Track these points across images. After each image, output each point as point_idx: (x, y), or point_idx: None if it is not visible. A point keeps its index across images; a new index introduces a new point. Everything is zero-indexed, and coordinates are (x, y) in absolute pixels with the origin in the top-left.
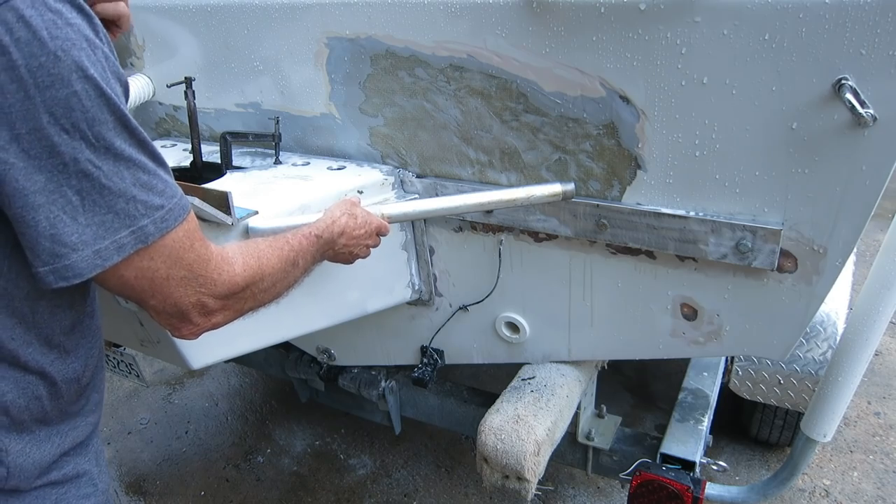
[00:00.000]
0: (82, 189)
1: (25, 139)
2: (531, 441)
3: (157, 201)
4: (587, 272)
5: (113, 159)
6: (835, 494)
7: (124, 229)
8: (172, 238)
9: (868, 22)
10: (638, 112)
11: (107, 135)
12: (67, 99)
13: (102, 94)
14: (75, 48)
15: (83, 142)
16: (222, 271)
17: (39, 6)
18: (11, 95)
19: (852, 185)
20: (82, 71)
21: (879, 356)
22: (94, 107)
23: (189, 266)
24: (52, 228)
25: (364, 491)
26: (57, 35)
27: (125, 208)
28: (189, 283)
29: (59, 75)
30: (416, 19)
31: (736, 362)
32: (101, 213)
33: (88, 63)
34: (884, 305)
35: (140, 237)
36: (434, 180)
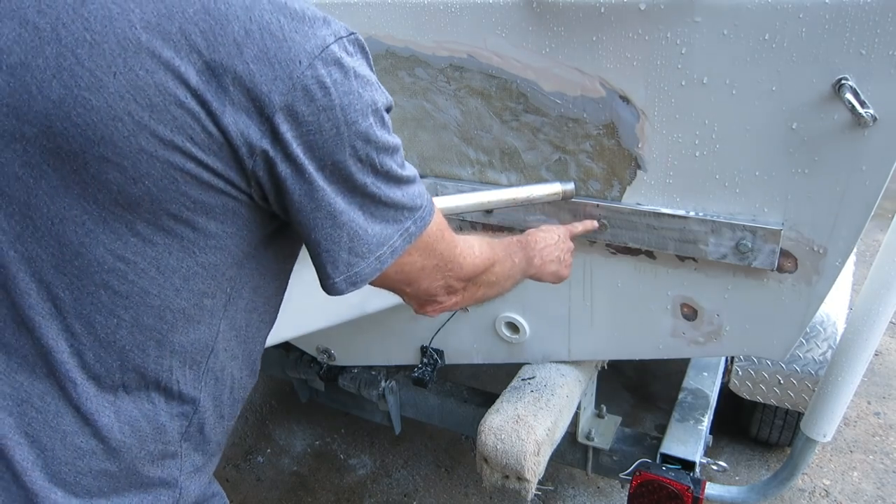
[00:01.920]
0: (369, 208)
1: (331, 168)
2: (531, 441)
3: (416, 202)
4: (587, 272)
5: (387, 180)
6: (835, 494)
7: (396, 234)
8: (428, 233)
9: (868, 22)
10: (638, 112)
11: (386, 161)
12: (366, 132)
13: (384, 124)
14: (369, 85)
15: (370, 168)
16: (466, 255)
17: (344, 49)
18: (327, 132)
19: (852, 185)
20: (375, 104)
21: (879, 356)
22: (380, 135)
23: (440, 254)
24: (350, 242)
25: (364, 491)
26: (359, 74)
27: (395, 216)
28: (440, 269)
29: (361, 110)
30: (416, 19)
31: (736, 362)
32: (380, 224)
33: (376, 98)
34: (884, 305)
35: (406, 238)
36: (434, 180)
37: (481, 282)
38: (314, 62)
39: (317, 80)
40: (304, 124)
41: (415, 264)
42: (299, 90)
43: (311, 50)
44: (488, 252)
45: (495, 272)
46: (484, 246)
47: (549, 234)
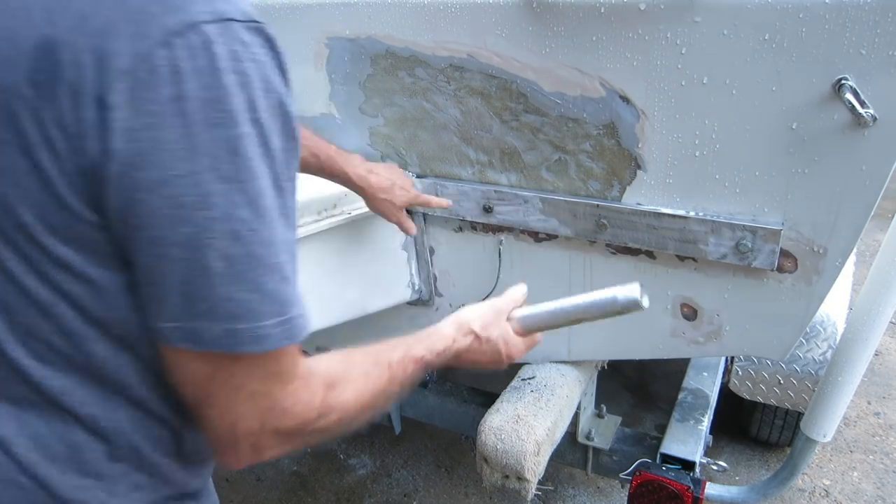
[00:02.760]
0: (231, 255)
1: (180, 182)
2: (531, 441)
3: (296, 300)
4: (587, 272)
5: (269, 226)
6: (835, 494)
7: (270, 317)
8: (283, 353)
9: (868, 22)
10: (638, 112)
11: (267, 193)
12: (232, 141)
13: (267, 145)
14: (252, 86)
15: (241, 195)
16: (297, 401)
17: (229, 35)
18: (175, 130)
19: (852, 185)
20: (254, 112)
21: (879, 356)
22: (259, 157)
23: (265, 379)
24: (185, 286)
25: (364, 491)
26: (237, 69)
27: (276, 290)
28: (257, 401)
29: (230, 113)
30: (416, 19)
31: (736, 362)
32: (245, 289)
33: (262, 106)
34: (884, 305)
35: (287, 332)
36: (434, 180)
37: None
38: (171, 39)
39: (169, 62)
40: (145, 115)
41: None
42: (143, 70)
43: (171, 25)
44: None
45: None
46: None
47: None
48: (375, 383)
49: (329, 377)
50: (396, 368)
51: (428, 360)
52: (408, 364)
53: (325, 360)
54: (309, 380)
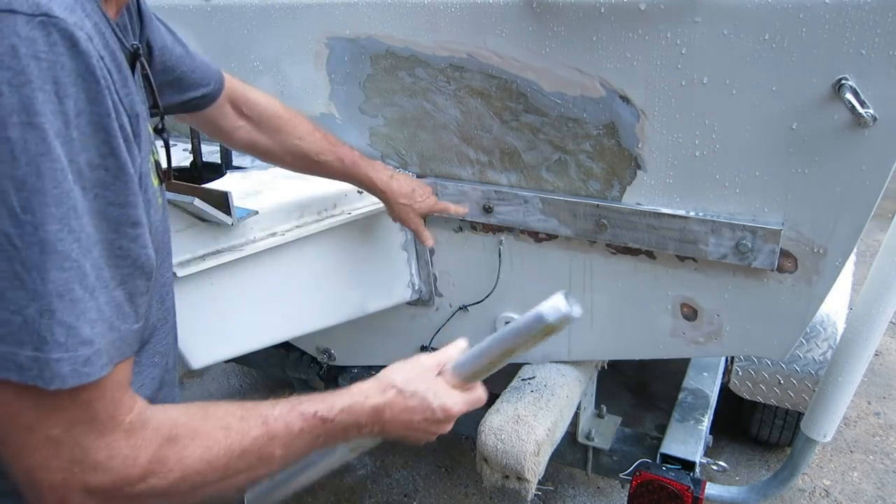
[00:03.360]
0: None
1: None
2: (531, 441)
3: (86, 333)
4: (587, 272)
5: (38, 246)
6: (835, 494)
7: (27, 347)
8: (90, 396)
9: (868, 22)
10: (638, 112)
11: (39, 210)
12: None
13: (47, 154)
14: (30, 86)
15: (4, 206)
16: (115, 454)
17: (5, 27)
18: None
19: (852, 185)
20: (30, 116)
21: (879, 356)
22: (30, 165)
23: (69, 425)
24: None
25: (364, 491)
26: (10, 65)
27: (37, 322)
28: (59, 450)
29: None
30: (416, 19)
31: (736, 362)
32: (6, 308)
33: (43, 109)
34: (884, 305)
35: (42, 373)
36: (434, 180)
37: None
38: None
39: None
40: None
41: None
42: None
43: None
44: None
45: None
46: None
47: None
48: (239, 441)
49: (169, 429)
50: (275, 425)
51: (323, 415)
52: (293, 420)
53: (171, 411)
54: (136, 431)
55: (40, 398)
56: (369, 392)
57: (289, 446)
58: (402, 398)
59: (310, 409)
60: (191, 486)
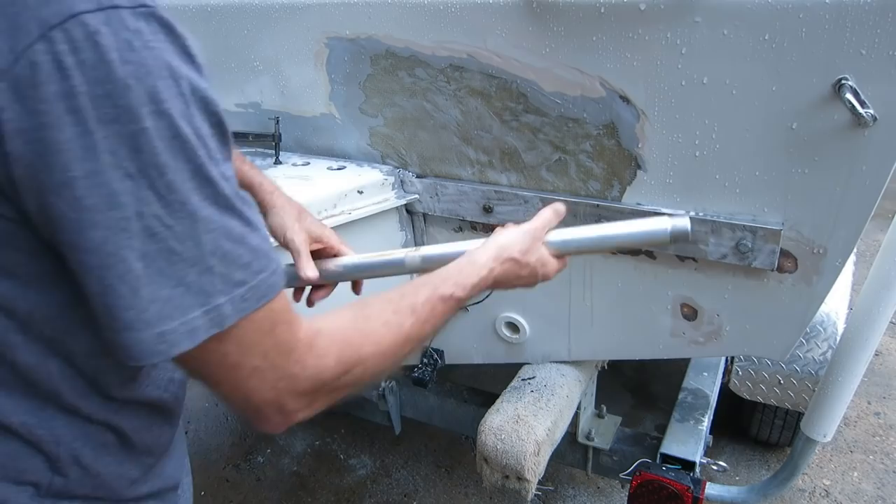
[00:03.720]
0: (148, 253)
1: (82, 184)
2: (531, 441)
3: (238, 276)
4: (587, 272)
5: (188, 219)
6: (835, 494)
7: (197, 308)
8: (252, 320)
9: (868, 22)
10: (638, 112)
11: (182, 187)
12: (134, 137)
13: (178, 135)
14: (151, 76)
15: (151, 192)
16: (307, 365)
17: (116, 23)
18: (69, 129)
19: (852, 185)
20: (157, 104)
21: (879, 356)
22: (169, 150)
23: (264, 354)
24: (104, 297)
25: (364, 491)
26: (130, 59)
27: (198, 281)
28: (263, 375)
29: (126, 107)
30: (416, 19)
31: (736, 362)
32: (169, 285)
33: (166, 95)
34: (884, 305)
35: (215, 319)
36: (434, 180)
37: (338, 386)
38: (50, 33)
39: (52, 57)
40: (35, 115)
41: (227, 357)
42: (25, 68)
43: (48, 17)
44: (352, 357)
45: (363, 373)
46: (347, 350)
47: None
48: (397, 332)
49: (342, 335)
50: (422, 311)
51: (459, 296)
52: (435, 304)
53: (336, 319)
54: (314, 342)
55: (232, 341)
56: (493, 266)
57: (435, 325)
58: (517, 267)
59: (447, 292)
60: (372, 375)
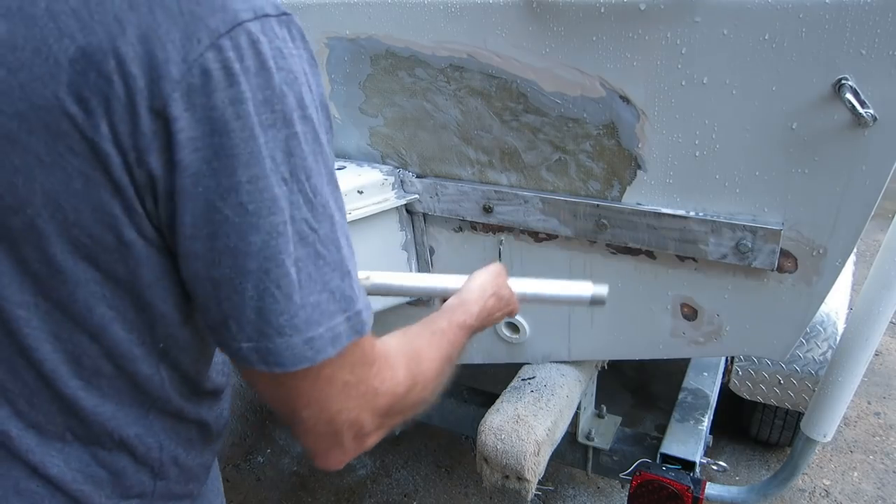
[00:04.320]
0: (299, 258)
1: (246, 188)
2: (531, 441)
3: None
4: (587, 272)
5: (328, 222)
6: (835, 494)
7: (340, 314)
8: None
9: (868, 22)
10: (638, 112)
11: (323, 190)
12: (287, 141)
13: (318, 139)
14: (297, 82)
15: (301, 195)
16: (385, 378)
17: (269, 31)
18: (236, 135)
19: (852, 185)
20: (303, 110)
21: (879, 356)
22: (312, 154)
23: (353, 367)
24: (259, 301)
25: (364, 491)
26: (283, 66)
27: (341, 287)
28: (350, 391)
29: (282, 113)
30: (416, 19)
31: (736, 362)
32: (316, 290)
33: (308, 101)
34: (884, 305)
35: (356, 325)
36: (434, 180)
37: (403, 408)
38: (220, 41)
39: (221, 64)
40: (205, 122)
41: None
42: (197, 76)
43: (216, 26)
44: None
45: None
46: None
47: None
48: (439, 350)
49: (405, 352)
50: (448, 333)
51: (470, 324)
52: (455, 329)
53: (393, 339)
54: (388, 357)
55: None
56: (482, 300)
57: (458, 347)
58: (496, 300)
59: (461, 318)
60: (428, 394)
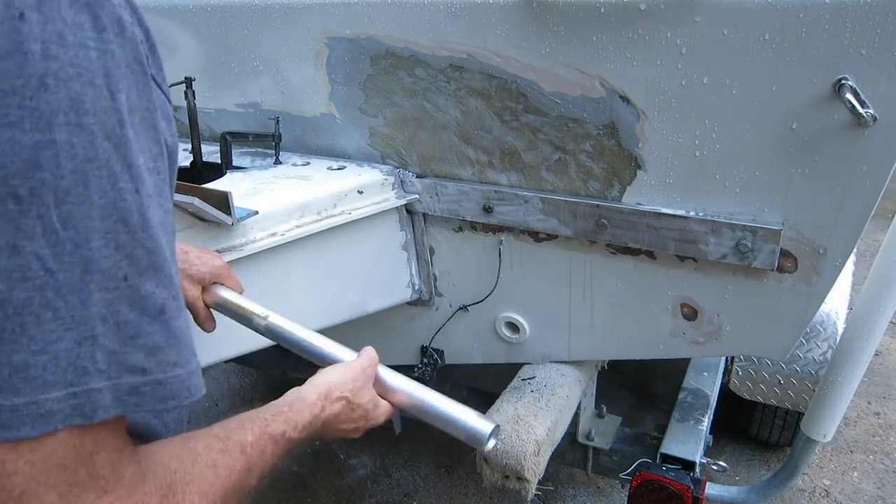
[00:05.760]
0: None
1: None
2: (531, 441)
3: (134, 360)
4: (587, 272)
5: (81, 268)
6: (835, 494)
7: (59, 387)
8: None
9: (868, 22)
10: (638, 112)
11: (86, 224)
12: (35, 150)
13: (96, 160)
14: (79, 81)
15: (39, 222)
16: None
17: (50, 10)
18: None
19: (852, 185)
20: (77, 114)
21: (879, 356)
22: (75, 174)
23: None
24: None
25: (364, 491)
26: (57, 55)
27: (72, 352)
28: None
29: (36, 111)
30: (416, 19)
31: (736, 362)
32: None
33: (94, 108)
34: (884, 305)
35: (81, 407)
36: (434, 180)
37: None
38: None
39: None
40: None
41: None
42: None
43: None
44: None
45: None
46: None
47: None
48: (227, 477)
49: (165, 479)
50: (252, 453)
51: (291, 437)
52: (265, 445)
53: (158, 456)
54: (137, 486)
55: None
56: (325, 405)
57: (263, 469)
58: (349, 408)
59: (278, 430)
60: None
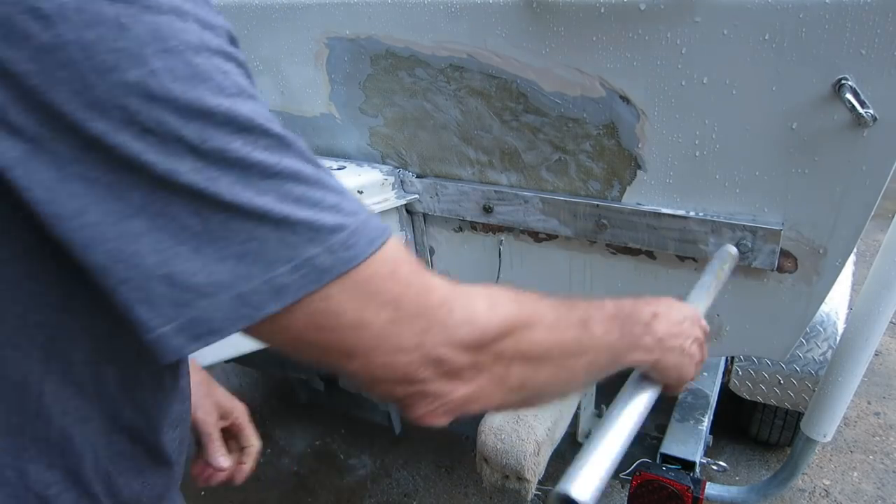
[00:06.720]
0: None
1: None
2: (531, 441)
3: (328, 220)
4: (587, 272)
5: (229, 169)
6: (835, 494)
7: (281, 264)
8: (363, 269)
9: (868, 22)
10: (638, 112)
11: (215, 135)
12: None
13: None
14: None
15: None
16: (455, 307)
17: None
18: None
19: (852, 185)
20: (163, 42)
21: (879, 356)
22: (190, 91)
23: (397, 301)
24: (164, 265)
25: (364, 491)
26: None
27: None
28: (403, 326)
29: (126, 51)
30: (416, 19)
31: (736, 362)
32: (235, 242)
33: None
34: (884, 305)
35: (309, 274)
36: (434, 180)
37: (508, 350)
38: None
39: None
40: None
41: (342, 316)
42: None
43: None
44: (512, 311)
45: (535, 339)
46: (502, 300)
47: (674, 309)
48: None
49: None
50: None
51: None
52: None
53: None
54: (459, 288)
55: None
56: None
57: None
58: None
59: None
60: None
